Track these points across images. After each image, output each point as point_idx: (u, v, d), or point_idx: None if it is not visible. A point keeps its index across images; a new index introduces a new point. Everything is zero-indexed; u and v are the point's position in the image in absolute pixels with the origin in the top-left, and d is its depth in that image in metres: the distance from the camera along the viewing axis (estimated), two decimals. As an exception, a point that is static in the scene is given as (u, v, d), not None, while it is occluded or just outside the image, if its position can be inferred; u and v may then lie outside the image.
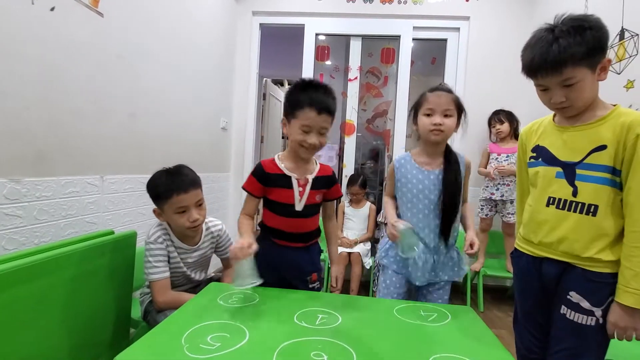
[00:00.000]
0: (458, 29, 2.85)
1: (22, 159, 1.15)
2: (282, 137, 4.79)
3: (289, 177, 1.16)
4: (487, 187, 2.54)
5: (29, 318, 0.94)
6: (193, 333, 0.83)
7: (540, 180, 1.00)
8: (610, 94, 1.85)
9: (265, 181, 1.16)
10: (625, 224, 0.86)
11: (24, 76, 1.14)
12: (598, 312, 0.89)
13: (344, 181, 2.87)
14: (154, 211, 1.29)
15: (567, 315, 0.93)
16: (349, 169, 2.96)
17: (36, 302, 0.96)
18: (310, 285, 1.25)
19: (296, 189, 1.16)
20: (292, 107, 1.11)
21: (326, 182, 1.23)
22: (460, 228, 1.32)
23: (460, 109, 1.22)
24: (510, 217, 2.43)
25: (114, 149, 1.57)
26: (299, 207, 1.17)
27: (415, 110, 1.26)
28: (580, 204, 0.91)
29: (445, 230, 1.23)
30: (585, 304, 0.90)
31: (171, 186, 1.21)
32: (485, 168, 2.56)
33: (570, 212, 0.92)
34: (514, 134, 2.53)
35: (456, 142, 2.83)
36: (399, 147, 2.91)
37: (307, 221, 1.21)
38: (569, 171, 0.93)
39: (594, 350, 0.91)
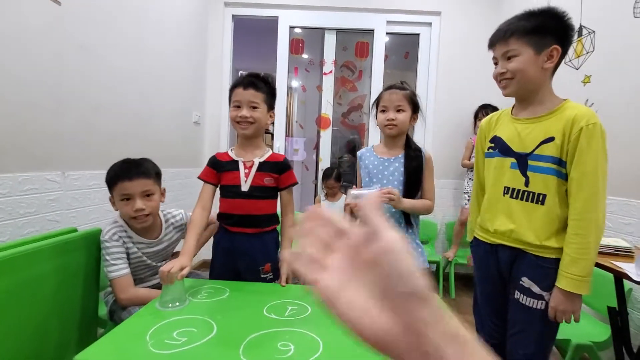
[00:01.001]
0: (430, 23, 2.90)
1: (-27, 155, 1.09)
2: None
3: (237, 161, 1.25)
4: (472, 179, 2.61)
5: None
6: (159, 329, 0.82)
7: (495, 171, 1.05)
8: (568, 89, 1.94)
9: (216, 167, 1.26)
10: (569, 209, 0.92)
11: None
12: (547, 296, 0.95)
13: (321, 174, 2.88)
14: (109, 199, 1.27)
15: (520, 300, 0.98)
16: (325, 163, 2.97)
17: (-9, 304, 0.91)
18: (262, 276, 1.25)
19: (242, 170, 1.24)
20: (229, 94, 1.25)
21: (276, 168, 1.26)
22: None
23: (414, 104, 1.29)
24: None
25: (76, 144, 1.50)
26: (244, 187, 1.23)
27: (376, 107, 1.34)
28: (531, 194, 0.96)
29: (405, 214, 1.26)
30: (535, 289, 0.96)
31: (118, 173, 1.21)
32: (469, 160, 2.63)
33: (523, 201, 0.98)
34: None
35: (428, 133, 2.90)
36: (375, 140, 2.94)
37: (256, 203, 1.24)
38: (522, 162, 0.98)
39: (545, 332, 0.98)
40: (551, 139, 0.92)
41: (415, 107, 1.30)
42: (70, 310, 1.21)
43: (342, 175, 2.78)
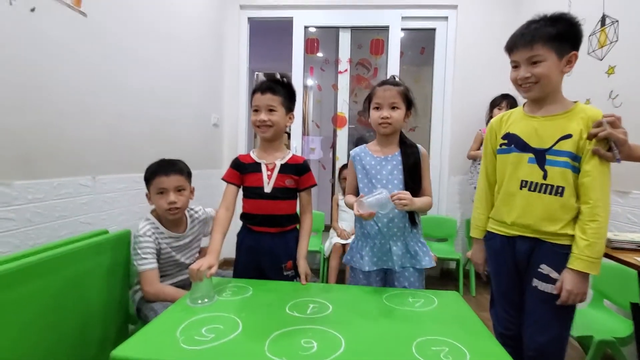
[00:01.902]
0: (446, 18, 2.85)
1: (10, 163, 1.16)
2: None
3: (259, 164, 1.29)
4: (473, 169, 2.57)
5: (27, 319, 0.96)
6: (188, 326, 0.86)
7: (511, 166, 1.09)
8: (592, 80, 1.88)
9: (240, 169, 1.30)
10: (580, 201, 1.00)
11: (6, 79, 1.13)
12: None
13: (337, 174, 2.89)
14: (146, 195, 1.40)
15: (539, 287, 1.04)
16: (342, 161, 2.98)
17: (34, 303, 0.98)
18: (285, 273, 1.28)
19: (264, 172, 1.28)
20: (250, 99, 1.30)
21: (296, 169, 1.30)
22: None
23: (408, 101, 1.25)
24: None
25: (103, 149, 1.57)
26: (267, 188, 1.27)
27: (368, 104, 1.30)
28: (549, 186, 1.02)
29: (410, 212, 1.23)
30: (554, 275, 1.02)
31: (156, 169, 1.37)
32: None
33: (541, 194, 1.03)
34: None
35: (446, 128, 2.87)
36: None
37: (278, 204, 1.28)
38: (540, 157, 1.03)
39: (562, 319, 1.04)
40: (569, 136, 0.99)
41: (409, 104, 1.26)
42: (106, 308, 1.29)
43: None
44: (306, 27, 2.95)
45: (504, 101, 2.49)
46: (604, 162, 0.97)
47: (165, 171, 1.35)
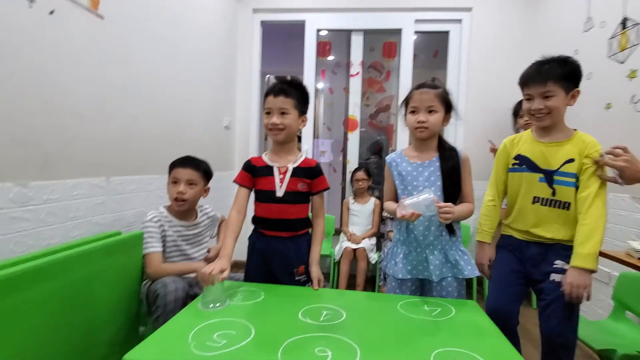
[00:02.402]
0: (460, 20, 2.82)
1: (28, 164, 1.17)
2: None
3: (272, 167, 1.28)
4: None
5: (40, 319, 0.96)
6: (200, 331, 0.85)
7: (525, 184, 1.27)
8: (614, 84, 1.83)
9: (252, 171, 1.29)
10: (577, 210, 1.18)
11: (25, 81, 1.15)
12: None
13: (348, 177, 2.87)
14: (167, 184, 1.53)
15: (555, 280, 1.20)
16: (352, 165, 2.96)
17: (47, 303, 0.98)
18: (297, 278, 1.26)
19: (277, 176, 1.26)
20: (263, 102, 1.29)
21: (309, 173, 1.28)
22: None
23: (447, 103, 1.21)
24: None
25: (117, 150, 1.58)
26: (279, 192, 1.25)
27: (405, 107, 1.27)
28: (558, 202, 1.22)
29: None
30: (566, 267, 1.18)
31: (177, 161, 1.51)
32: None
33: (551, 207, 1.23)
34: None
35: (459, 133, 2.82)
36: (403, 141, 2.90)
37: (290, 208, 1.26)
38: (549, 177, 1.22)
39: (573, 305, 1.19)
40: (572, 160, 1.19)
41: (448, 107, 1.21)
42: (117, 309, 1.29)
43: (371, 174, 2.77)
44: (318, 30, 2.94)
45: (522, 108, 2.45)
46: (599, 180, 1.16)
47: (183, 163, 1.49)
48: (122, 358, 0.74)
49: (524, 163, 1.28)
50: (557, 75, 1.17)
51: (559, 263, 1.20)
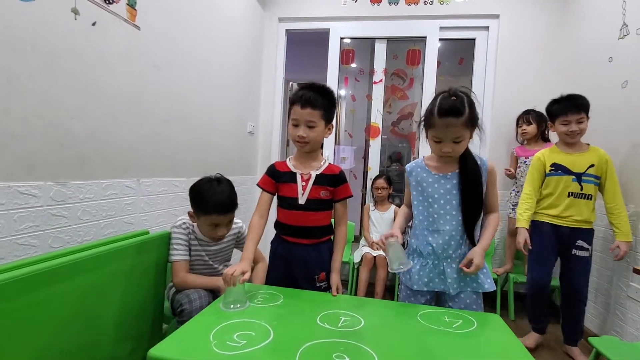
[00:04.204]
0: (487, 27, 2.77)
1: (68, 164, 1.25)
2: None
3: (295, 173, 1.27)
4: (514, 189, 2.48)
5: (72, 311, 1.01)
6: (221, 330, 0.87)
7: (562, 184, 1.81)
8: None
9: (275, 177, 1.29)
10: (605, 201, 1.79)
11: (67, 87, 1.23)
12: (590, 249, 1.80)
13: (369, 184, 2.86)
14: (189, 213, 1.41)
15: (577, 254, 1.80)
16: (374, 172, 2.95)
17: (79, 296, 1.03)
18: (318, 285, 1.26)
19: (299, 183, 1.26)
20: (289, 109, 1.26)
21: (332, 180, 1.27)
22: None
23: (473, 121, 1.11)
24: None
25: (148, 153, 1.66)
26: (301, 200, 1.25)
27: (425, 127, 1.17)
28: (585, 195, 1.78)
29: (468, 234, 1.18)
30: (585, 245, 1.79)
31: (214, 205, 1.33)
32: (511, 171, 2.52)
33: (579, 199, 1.79)
34: (542, 136, 2.42)
35: (486, 142, 2.75)
36: (425, 149, 2.86)
37: (312, 215, 1.26)
38: (579, 178, 1.78)
39: (587, 271, 1.82)
40: (592, 165, 1.76)
41: (473, 123, 1.11)
42: (143, 305, 1.33)
43: (392, 182, 2.74)
44: (342, 38, 2.98)
45: (522, 118, 2.48)
46: (616, 177, 1.78)
47: (223, 210, 1.35)
48: (147, 352, 0.77)
49: (559, 169, 1.82)
50: (585, 106, 1.75)
51: (580, 243, 1.79)
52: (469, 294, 1.18)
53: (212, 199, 1.33)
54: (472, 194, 1.16)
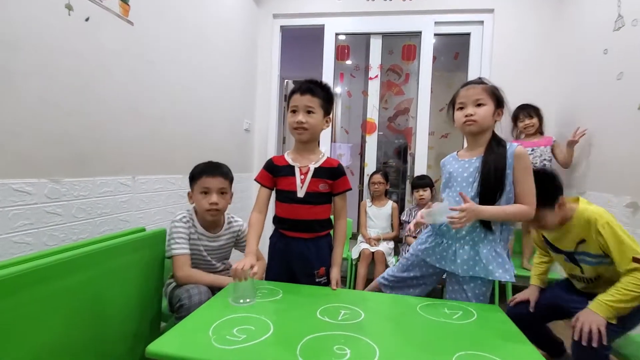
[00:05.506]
0: (482, 22, 2.77)
1: (62, 161, 1.23)
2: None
3: (293, 167, 1.27)
4: None
5: (68, 309, 1.00)
6: (220, 325, 0.87)
7: (561, 262, 1.39)
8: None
9: (273, 171, 1.30)
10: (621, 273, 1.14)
11: (63, 85, 1.22)
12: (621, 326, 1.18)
13: (366, 180, 2.86)
14: (188, 194, 1.45)
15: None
16: (370, 168, 2.94)
17: (75, 294, 1.02)
18: (317, 280, 1.26)
19: (298, 176, 1.26)
20: (288, 101, 1.27)
21: (331, 173, 1.27)
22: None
23: (497, 98, 1.16)
24: None
25: (144, 150, 1.64)
26: (300, 193, 1.25)
27: (452, 109, 1.25)
28: (587, 279, 1.31)
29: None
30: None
31: (203, 169, 1.40)
32: None
33: (584, 284, 1.33)
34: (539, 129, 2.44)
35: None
36: (422, 144, 2.86)
37: (311, 209, 1.25)
38: (571, 257, 1.30)
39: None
40: (584, 241, 1.23)
41: (498, 102, 1.15)
42: (141, 303, 1.32)
43: (388, 178, 2.75)
44: (337, 34, 2.96)
45: (522, 113, 2.42)
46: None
47: (212, 172, 1.38)
48: (146, 348, 0.76)
49: (548, 244, 1.43)
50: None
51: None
52: (476, 280, 1.17)
53: (203, 165, 1.42)
54: (491, 177, 1.12)
